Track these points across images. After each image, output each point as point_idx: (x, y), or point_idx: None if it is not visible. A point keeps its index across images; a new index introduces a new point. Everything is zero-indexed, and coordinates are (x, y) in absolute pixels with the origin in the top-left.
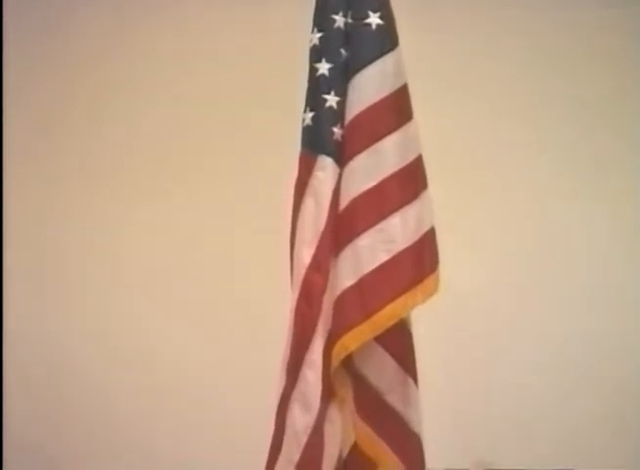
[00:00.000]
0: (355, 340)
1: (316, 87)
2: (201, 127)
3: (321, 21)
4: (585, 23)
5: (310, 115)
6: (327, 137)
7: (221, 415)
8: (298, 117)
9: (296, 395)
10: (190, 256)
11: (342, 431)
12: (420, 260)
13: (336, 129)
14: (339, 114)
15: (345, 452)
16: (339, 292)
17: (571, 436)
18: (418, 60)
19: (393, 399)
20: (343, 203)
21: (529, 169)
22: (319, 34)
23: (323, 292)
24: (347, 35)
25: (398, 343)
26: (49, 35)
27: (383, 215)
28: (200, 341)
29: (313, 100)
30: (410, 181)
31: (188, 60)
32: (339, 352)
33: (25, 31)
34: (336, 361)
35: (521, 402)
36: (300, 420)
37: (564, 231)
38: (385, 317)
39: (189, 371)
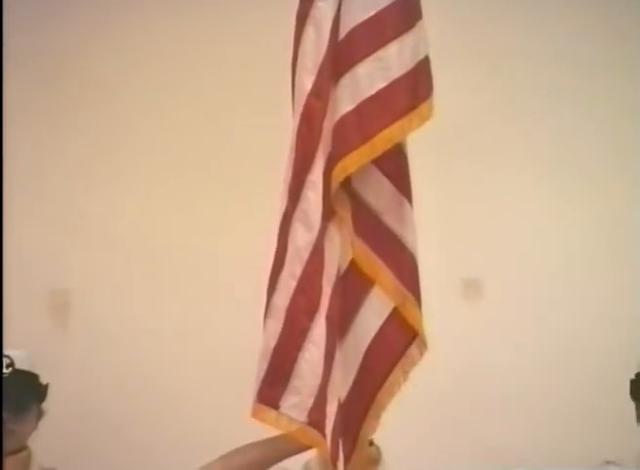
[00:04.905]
0: (354, 162)
1: None
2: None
3: None
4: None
5: None
6: None
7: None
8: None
9: (297, 214)
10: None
11: (340, 248)
12: (415, 87)
13: None
14: None
15: (343, 269)
16: (338, 117)
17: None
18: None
19: (390, 219)
20: (343, 32)
21: None
22: None
23: (323, 117)
24: None
25: (395, 166)
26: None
27: (381, 44)
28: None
29: None
30: (407, 10)
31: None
32: (338, 174)
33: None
34: (335, 182)
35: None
36: (302, 237)
37: None
38: (382, 141)
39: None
